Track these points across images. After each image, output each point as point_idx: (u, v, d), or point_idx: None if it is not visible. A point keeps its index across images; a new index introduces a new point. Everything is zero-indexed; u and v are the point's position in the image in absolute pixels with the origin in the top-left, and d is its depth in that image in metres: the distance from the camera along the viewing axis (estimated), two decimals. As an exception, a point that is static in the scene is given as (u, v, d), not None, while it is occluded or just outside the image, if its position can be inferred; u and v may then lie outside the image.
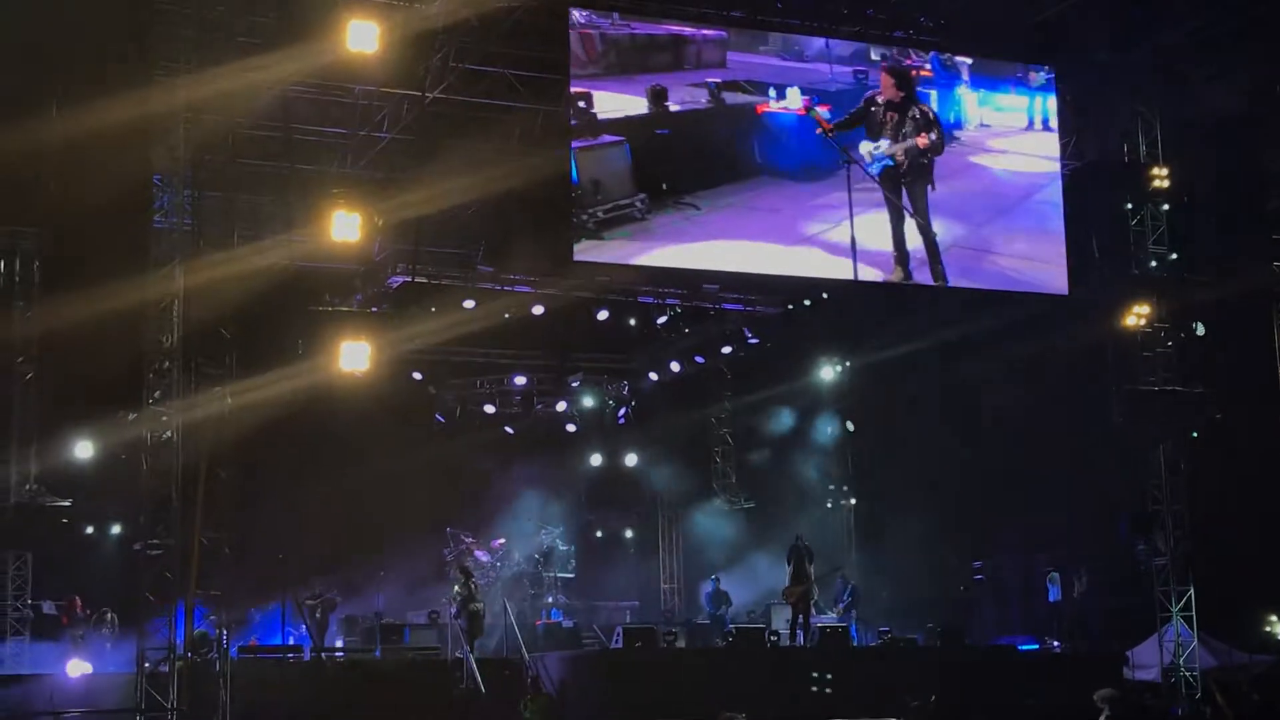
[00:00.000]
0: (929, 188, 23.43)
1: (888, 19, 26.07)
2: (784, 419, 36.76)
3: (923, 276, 23.76)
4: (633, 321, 33.99)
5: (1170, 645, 26.94)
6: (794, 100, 22.44)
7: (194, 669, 20.98)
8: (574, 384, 35.86)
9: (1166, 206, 27.72)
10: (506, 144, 27.13)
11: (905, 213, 23.17)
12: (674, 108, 21.59)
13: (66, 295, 24.54)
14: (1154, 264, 27.68)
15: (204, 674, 21.17)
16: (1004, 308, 27.71)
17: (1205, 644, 27.38)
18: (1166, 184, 27.49)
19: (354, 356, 23.38)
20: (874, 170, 22.89)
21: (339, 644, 27.84)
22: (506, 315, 31.49)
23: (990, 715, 22.74)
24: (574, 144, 21.43)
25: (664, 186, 21.63)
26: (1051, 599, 31.04)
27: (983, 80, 24.95)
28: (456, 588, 26.99)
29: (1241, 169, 28.67)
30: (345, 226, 23.35)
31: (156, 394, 21.91)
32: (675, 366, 35.54)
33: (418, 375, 33.53)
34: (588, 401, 36.67)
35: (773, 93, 22.41)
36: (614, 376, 36.73)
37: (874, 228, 22.98)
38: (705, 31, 21.57)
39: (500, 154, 27.32)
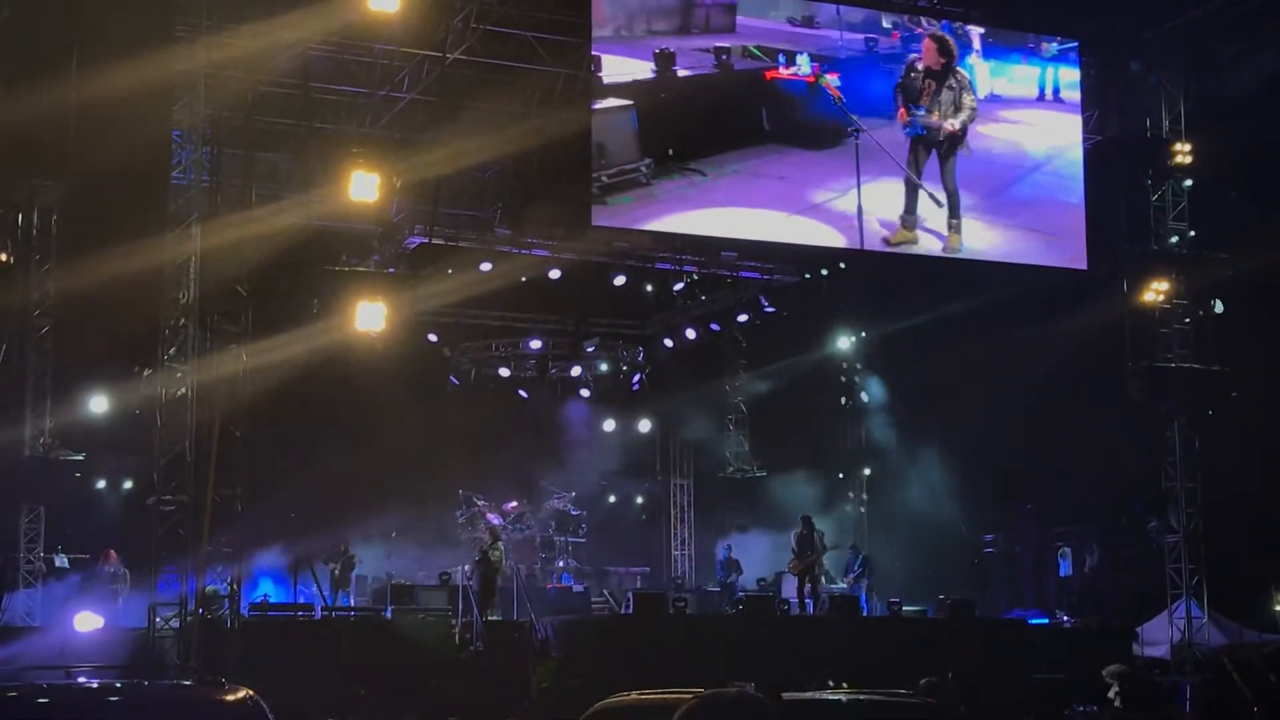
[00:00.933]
0: (960, 154, 23.37)
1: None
2: (798, 388, 36.74)
3: (932, 244, 23.49)
4: (649, 287, 33.97)
5: (1180, 622, 26.91)
6: (803, 67, 22.09)
7: (205, 625, 21.05)
8: (589, 349, 35.85)
9: (1188, 183, 27.58)
10: (526, 106, 27.11)
11: (919, 182, 23.01)
12: (681, 72, 21.26)
13: (84, 251, 24.52)
14: (1174, 240, 27.56)
15: (215, 630, 21.23)
16: (1023, 281, 27.60)
17: (1216, 622, 27.37)
18: (1189, 160, 27.35)
19: (370, 317, 23.38)
20: (909, 134, 22.79)
21: (349, 603, 27.91)
22: (523, 278, 31.47)
23: (1000, 688, 22.73)
24: None
25: (670, 152, 21.34)
26: (1063, 574, 31.05)
27: (995, 50, 24.64)
28: (485, 549, 27.04)
29: (1264, 146, 28.48)
30: (363, 186, 23.32)
31: (172, 351, 21.98)
32: (690, 333, 35.50)
33: (433, 337, 33.54)
34: (602, 366, 36.66)
35: (782, 59, 22.05)
36: (629, 342, 36.71)
37: (883, 196, 22.72)
38: None
39: (519, 116, 27.30)
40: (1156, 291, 27.29)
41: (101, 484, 29.89)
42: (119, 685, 10.21)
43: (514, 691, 22.59)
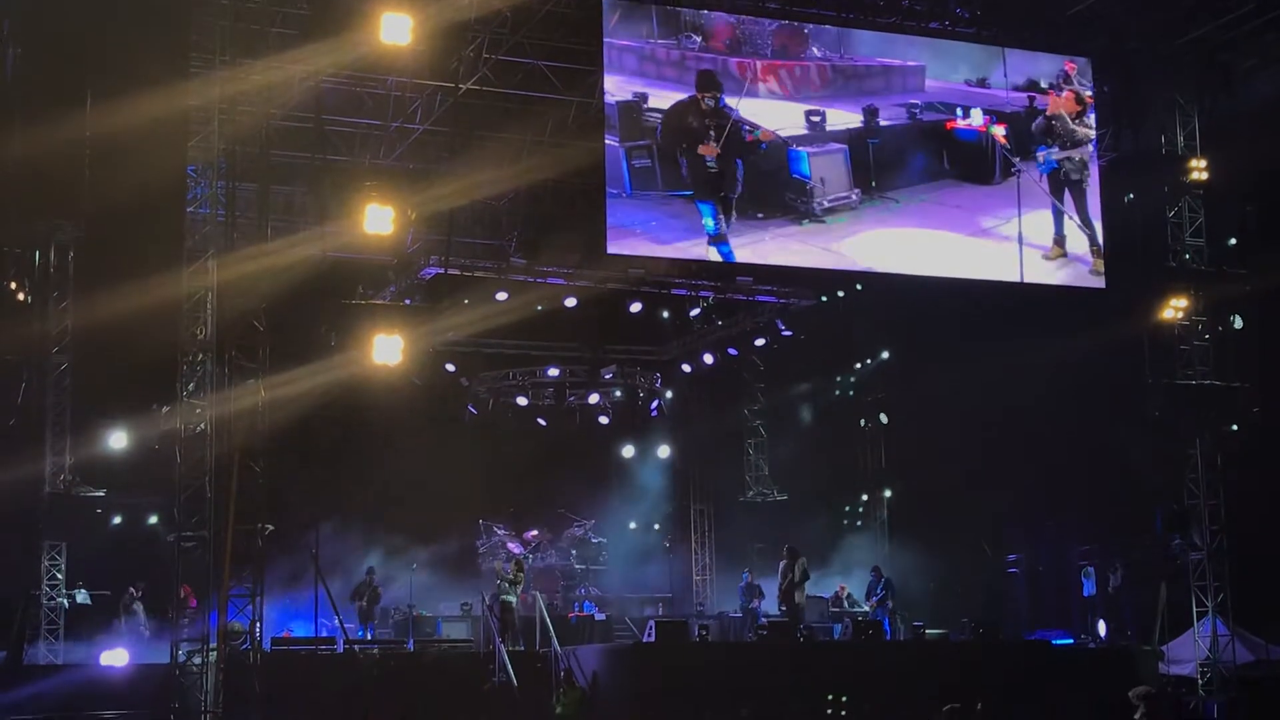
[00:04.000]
0: (1087, 188, 27.33)
1: (925, 10, 26.15)
2: (817, 411, 36.66)
3: (1083, 267, 27.39)
4: (665, 313, 33.98)
5: (1206, 640, 26.74)
6: (976, 119, 26.75)
7: (227, 661, 21.01)
8: (607, 376, 35.81)
9: (1204, 197, 27.52)
10: (539, 135, 27.15)
11: (1063, 208, 27.15)
12: (883, 122, 26.16)
13: (102, 287, 24.62)
14: (1190, 257, 27.48)
15: (238, 666, 21.19)
16: (1042, 299, 27.58)
17: (1241, 639, 27.18)
18: (1204, 176, 27.29)
19: (387, 349, 23.38)
20: (1044, 170, 27.11)
21: (369, 635, 27.85)
22: (539, 307, 31.48)
23: (1025, 710, 22.62)
24: (807, 149, 25.66)
25: (873, 184, 26.00)
26: (1086, 593, 30.87)
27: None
28: (507, 578, 27.03)
29: (1280, 160, 28.44)
30: (378, 219, 23.38)
31: (190, 386, 22.01)
32: (708, 358, 35.47)
33: (450, 367, 33.54)
34: (620, 393, 36.60)
35: (959, 112, 26.69)
36: (646, 368, 36.68)
37: (1039, 224, 27.08)
38: (909, 63, 26.46)
39: (533, 145, 27.35)
40: (1175, 308, 27.21)
41: (122, 520, 29.84)
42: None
43: (537, 722, 22.53)
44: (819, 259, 25.85)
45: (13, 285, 26.41)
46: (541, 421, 35.74)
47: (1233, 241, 29.12)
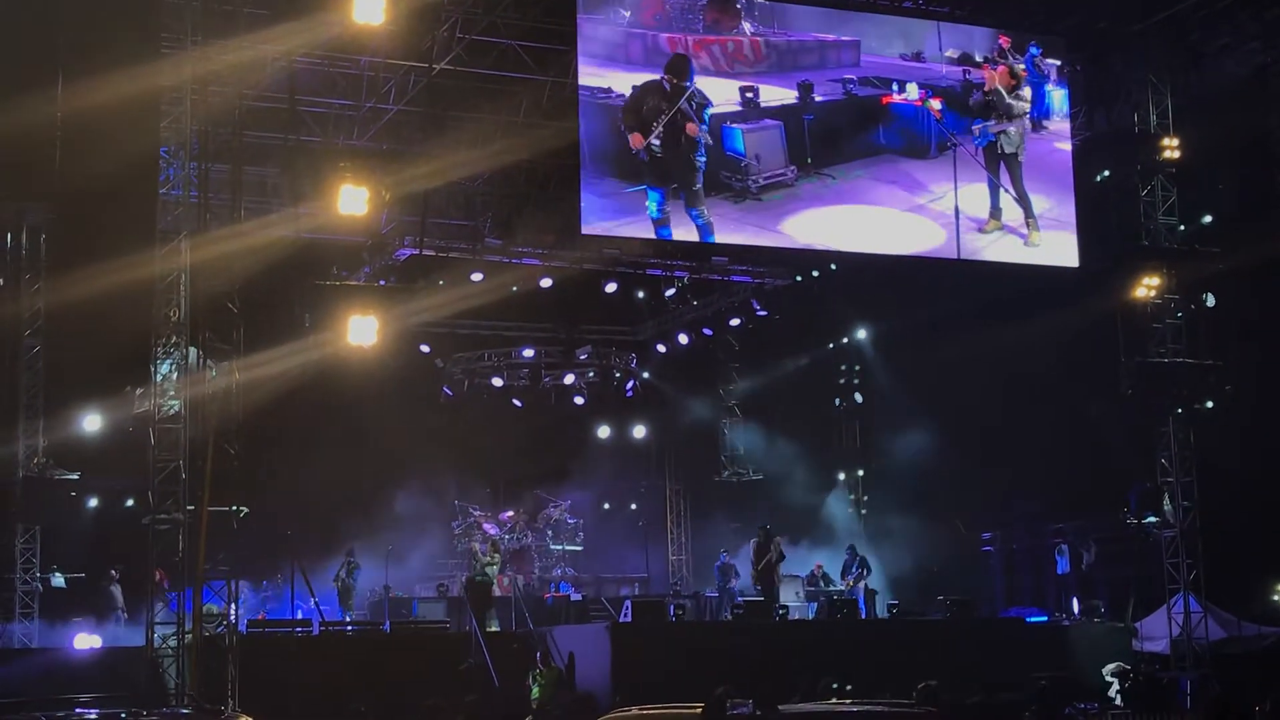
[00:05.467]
0: (1021, 161, 27.32)
1: (900, -13, 26.18)
2: (792, 390, 36.71)
3: (1019, 239, 27.40)
4: (641, 293, 33.96)
5: (1179, 617, 26.90)
6: (912, 93, 26.70)
7: (203, 644, 20.96)
8: (582, 356, 35.79)
9: (1176, 176, 27.62)
10: (513, 115, 27.09)
11: (999, 183, 27.15)
12: (818, 98, 26.13)
13: (73, 269, 24.49)
14: (1164, 235, 27.59)
15: (213, 649, 21.14)
16: (1015, 278, 27.69)
17: (1214, 615, 27.36)
18: (1177, 154, 27.37)
19: (362, 330, 23.30)
20: (979, 144, 27.09)
21: (348, 617, 27.86)
22: (514, 288, 31.45)
23: (1000, 688, 22.69)
24: (741, 125, 25.56)
25: (809, 160, 25.96)
26: (1060, 571, 31.03)
27: (1066, 81, 28.34)
28: (483, 559, 27.07)
29: (1252, 138, 28.51)
30: (352, 199, 23.25)
31: (164, 368, 21.91)
32: (683, 338, 35.50)
33: (425, 348, 33.50)
34: (595, 374, 36.59)
35: (895, 86, 26.63)
36: (622, 348, 36.66)
37: (975, 197, 27.13)
38: (844, 38, 26.46)
39: (507, 126, 27.29)
40: (1148, 287, 27.28)
41: (95, 502, 29.76)
42: (122, 716, 10.17)
43: (513, 703, 22.54)
44: (761, 239, 25.88)
45: (-16, 267, 26.30)
46: (517, 402, 35.72)
47: (1206, 220, 29.22)
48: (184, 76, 21.98)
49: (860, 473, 37.03)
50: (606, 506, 36.62)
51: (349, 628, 26.38)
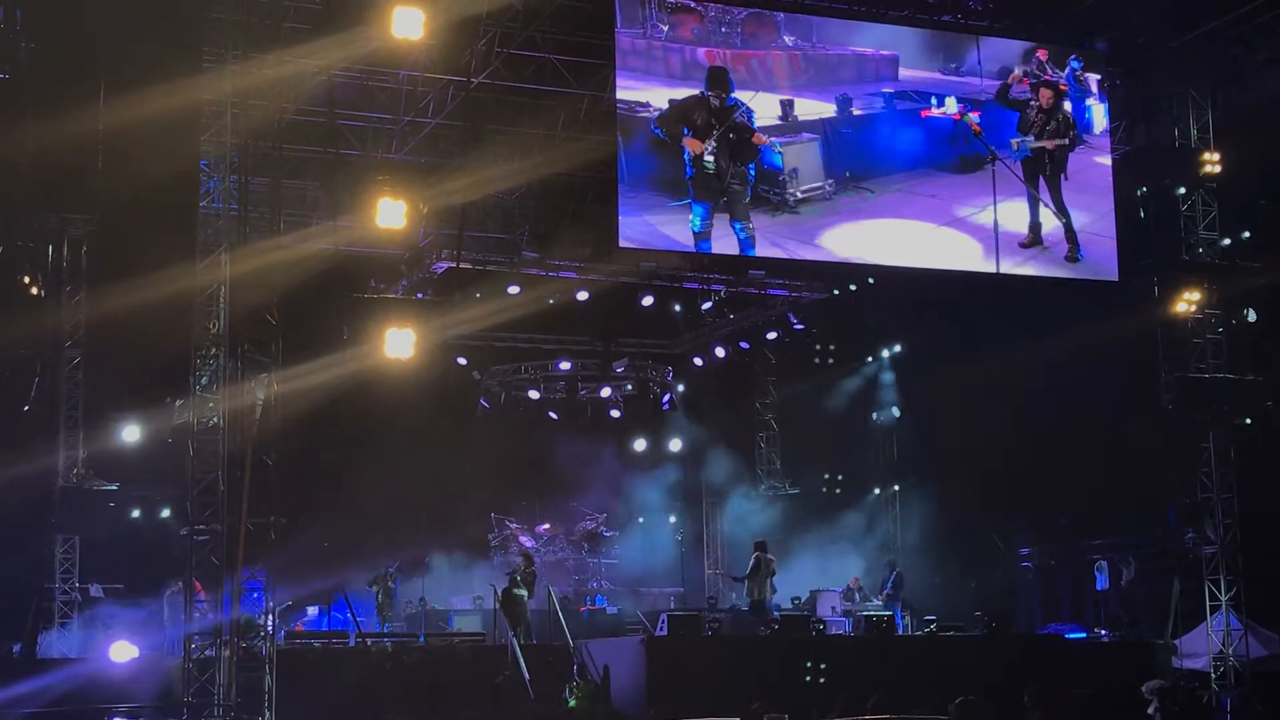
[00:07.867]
0: (1062, 177, 27.16)
1: (936, 2, 26.07)
2: (829, 404, 36.63)
3: (1059, 253, 27.26)
4: (677, 307, 33.98)
5: (1219, 634, 26.70)
6: (951, 107, 26.65)
7: (240, 655, 21.05)
8: (618, 369, 35.82)
9: (1217, 191, 27.46)
10: (551, 129, 27.15)
11: (1038, 196, 27.07)
12: (856, 111, 26.16)
13: (114, 281, 24.63)
14: (1204, 250, 27.43)
15: (251, 660, 21.23)
16: (1055, 293, 27.58)
17: (1254, 633, 27.13)
18: (1217, 169, 27.21)
19: (399, 343, 23.35)
20: (1017, 157, 27.07)
21: (385, 629, 27.91)
22: (551, 300, 31.52)
23: (1037, 705, 22.54)
24: (778, 139, 25.51)
25: (847, 174, 25.88)
26: (1099, 587, 30.83)
27: (1106, 95, 28.23)
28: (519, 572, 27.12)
29: (1294, 153, 28.34)
30: (390, 213, 23.32)
31: (203, 380, 22.03)
32: (720, 352, 35.49)
33: (463, 361, 33.59)
34: (631, 387, 36.60)
35: (934, 100, 26.58)
36: (658, 362, 36.68)
37: (1014, 212, 27.05)
38: (883, 52, 26.42)
39: (545, 139, 27.36)
40: (1189, 302, 27.12)
41: (136, 513, 29.91)
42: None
43: (549, 716, 22.53)
44: (798, 252, 25.71)
45: (25, 279, 26.38)
46: (553, 415, 35.79)
47: (1246, 235, 29.03)
48: (225, 90, 22.13)
49: (896, 487, 36.86)
50: (641, 520, 36.60)
51: (385, 640, 26.43)
